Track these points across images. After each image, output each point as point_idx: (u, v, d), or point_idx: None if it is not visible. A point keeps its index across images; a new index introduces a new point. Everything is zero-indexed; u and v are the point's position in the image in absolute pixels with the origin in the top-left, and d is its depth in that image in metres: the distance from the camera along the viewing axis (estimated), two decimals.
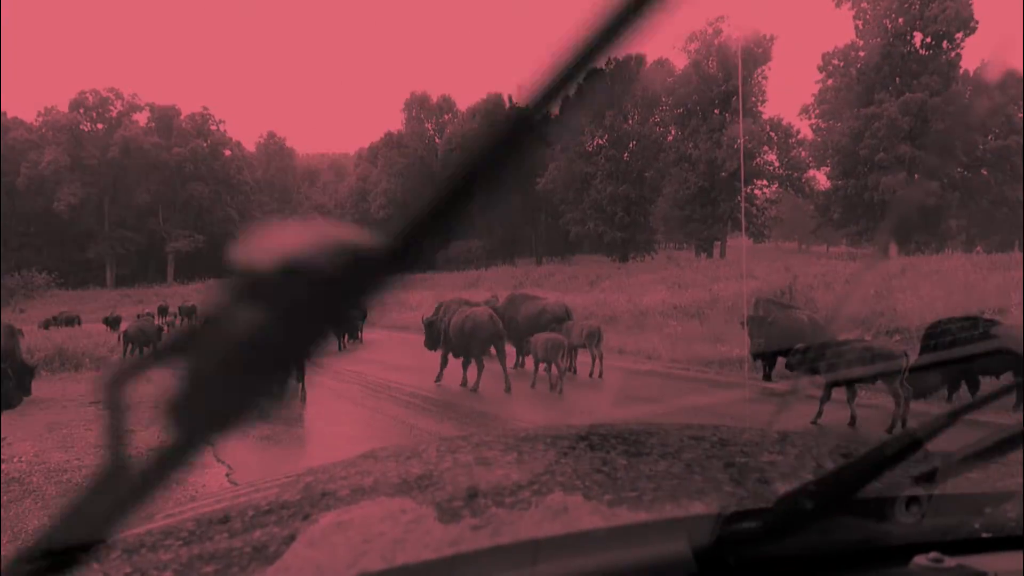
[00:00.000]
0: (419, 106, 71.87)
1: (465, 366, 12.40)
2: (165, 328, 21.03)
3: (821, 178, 54.55)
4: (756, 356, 11.87)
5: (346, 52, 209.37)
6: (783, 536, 0.95)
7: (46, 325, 27.77)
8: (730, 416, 9.30)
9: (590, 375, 12.95)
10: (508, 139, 0.51)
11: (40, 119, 67.54)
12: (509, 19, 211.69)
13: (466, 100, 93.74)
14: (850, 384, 8.71)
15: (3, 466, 8.01)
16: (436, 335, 13.15)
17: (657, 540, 0.97)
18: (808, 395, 9.61)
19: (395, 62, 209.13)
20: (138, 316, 23.71)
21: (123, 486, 0.55)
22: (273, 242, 0.55)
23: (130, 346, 17.99)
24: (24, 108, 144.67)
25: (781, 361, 10.69)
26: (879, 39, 47.85)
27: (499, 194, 0.52)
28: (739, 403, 9.93)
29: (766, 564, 0.96)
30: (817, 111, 54.33)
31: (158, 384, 0.53)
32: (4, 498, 6.78)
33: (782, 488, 1.11)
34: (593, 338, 13.15)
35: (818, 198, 54.19)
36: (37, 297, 49.88)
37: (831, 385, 8.76)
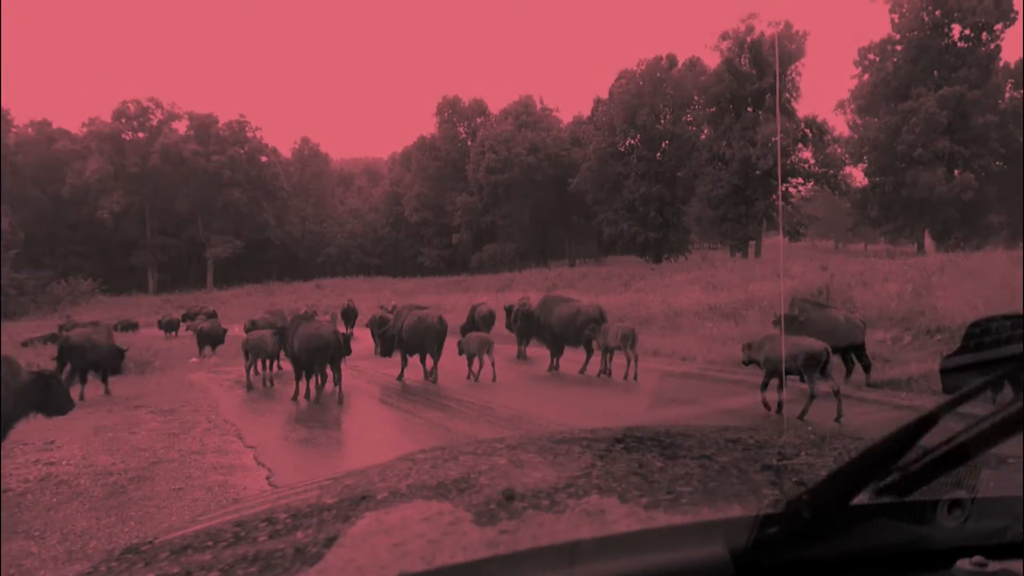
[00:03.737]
0: (451, 109, 72.08)
1: (423, 361, 14.37)
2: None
3: (858, 175, 53.65)
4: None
5: (379, 58, 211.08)
6: (822, 539, 0.95)
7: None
8: (767, 418, 9.19)
9: (624, 377, 12.89)
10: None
11: (84, 129, 69.25)
12: (540, 22, 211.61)
13: (498, 103, 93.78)
14: (788, 374, 9.30)
15: (52, 468, 8.23)
16: (391, 342, 14.99)
17: (694, 543, 0.97)
18: (848, 396, 9.47)
19: (427, 66, 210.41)
20: (207, 316, 26.43)
21: None
22: None
23: (203, 344, 20.46)
24: (69, 119, 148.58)
25: None
26: (916, 32, 46.92)
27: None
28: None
29: (805, 567, 0.95)
30: (852, 107, 53.41)
31: None
32: (53, 499, 6.97)
33: (821, 491, 1.11)
34: (627, 340, 13.10)
35: (855, 195, 53.25)
36: (83, 303, 51.04)
37: (770, 374, 9.50)
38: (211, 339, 20.70)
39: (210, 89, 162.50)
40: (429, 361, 14.14)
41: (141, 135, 69.41)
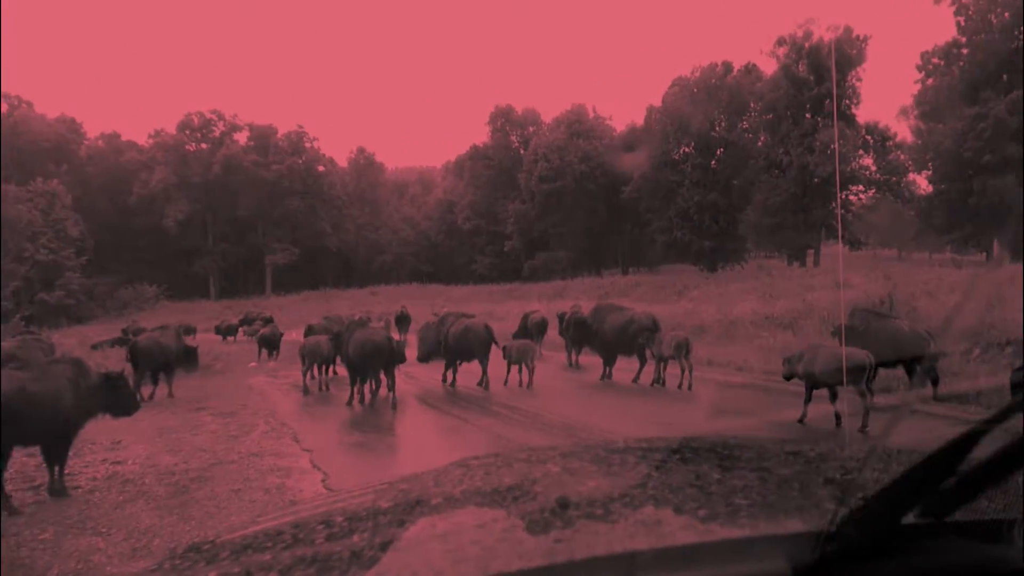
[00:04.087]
0: (504, 118, 72.33)
1: (447, 368, 14.72)
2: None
3: (922, 182, 51.86)
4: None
5: (433, 69, 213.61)
6: (889, 557, 0.92)
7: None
8: (829, 431, 8.95)
9: (679, 387, 12.72)
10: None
11: (151, 141, 71.76)
12: (593, 30, 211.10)
13: (551, 111, 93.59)
14: (830, 386, 9.17)
15: (119, 467, 8.52)
16: (432, 346, 15.14)
17: (754, 557, 0.95)
18: (914, 409, 9.16)
19: (480, 76, 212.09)
20: (265, 322, 28.05)
21: None
22: None
23: (264, 349, 21.47)
24: (137, 131, 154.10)
25: (883, 373, 10.22)
26: (983, 35, 45.31)
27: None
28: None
29: None
30: (916, 112, 51.74)
31: None
32: (120, 497, 7.21)
33: (887, 507, 1.07)
34: (682, 349, 12.93)
35: (919, 203, 51.53)
36: (148, 308, 52.82)
37: (811, 387, 9.39)
38: (269, 344, 21.34)
39: (270, 101, 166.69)
40: (478, 368, 14.19)
41: (204, 146, 71.53)
